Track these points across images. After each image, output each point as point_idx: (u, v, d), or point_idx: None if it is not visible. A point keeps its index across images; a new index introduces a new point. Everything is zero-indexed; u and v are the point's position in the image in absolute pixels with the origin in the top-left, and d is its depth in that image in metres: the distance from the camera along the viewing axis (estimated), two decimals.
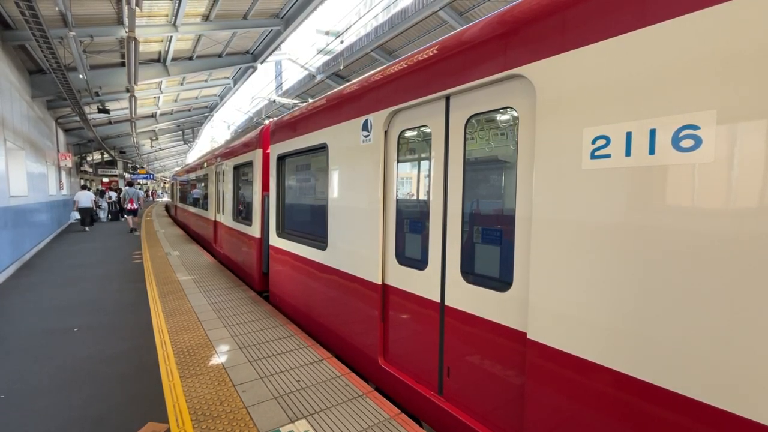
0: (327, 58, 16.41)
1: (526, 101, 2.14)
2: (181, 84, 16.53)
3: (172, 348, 4.06)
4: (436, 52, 2.71)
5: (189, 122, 25.59)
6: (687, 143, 1.46)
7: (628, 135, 1.63)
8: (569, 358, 1.84)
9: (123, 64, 12.08)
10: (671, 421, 1.52)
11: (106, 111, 14.15)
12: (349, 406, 2.97)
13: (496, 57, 2.23)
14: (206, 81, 17.04)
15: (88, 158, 25.83)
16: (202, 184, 11.61)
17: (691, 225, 1.45)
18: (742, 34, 1.34)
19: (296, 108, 5.39)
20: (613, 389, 1.68)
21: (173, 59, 13.01)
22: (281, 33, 11.83)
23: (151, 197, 49.49)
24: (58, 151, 15.68)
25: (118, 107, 16.52)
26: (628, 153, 1.63)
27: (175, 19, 9.83)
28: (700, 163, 1.43)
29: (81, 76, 10.18)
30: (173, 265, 8.40)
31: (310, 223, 4.72)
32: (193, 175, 13.47)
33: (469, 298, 2.49)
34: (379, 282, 3.29)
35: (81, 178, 25.47)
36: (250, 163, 6.75)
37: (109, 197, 20.41)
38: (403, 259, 3.13)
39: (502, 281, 2.32)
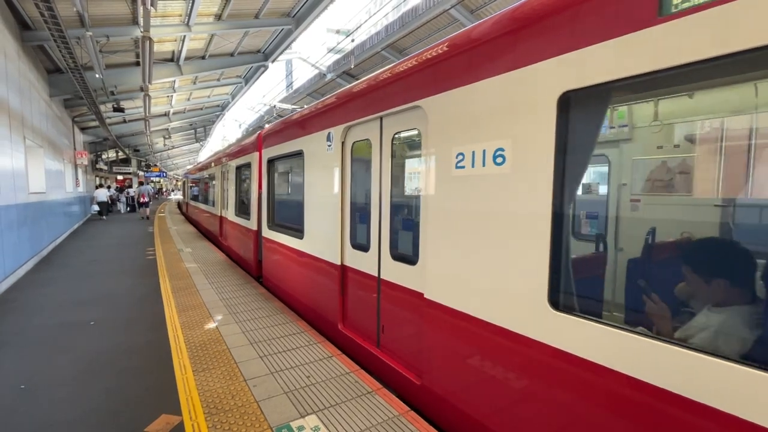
0: (337, 56, 16.45)
1: (424, 125, 2.88)
2: (194, 83, 16.74)
3: (184, 342, 4.13)
4: (373, 82, 3.48)
5: (201, 121, 25.92)
6: (499, 160, 2.24)
7: (473, 153, 2.42)
8: (444, 308, 2.68)
9: (137, 64, 12.28)
10: (481, 328, 2.40)
11: (121, 110, 14.40)
12: (358, 403, 2.99)
13: (405, 92, 3.02)
14: (218, 80, 17.23)
15: (103, 156, 26.34)
16: (210, 183, 12.59)
17: (501, 210, 2.25)
18: (519, 95, 2.11)
19: (280, 119, 6.26)
20: (465, 323, 2.52)
21: (186, 58, 13.18)
22: (292, 32, 11.89)
23: (162, 195, 50.38)
24: (75, 149, 16.04)
25: (133, 106, 16.81)
26: (472, 165, 2.43)
27: (189, 19, 9.96)
28: (504, 173, 2.21)
29: (97, 76, 10.38)
30: (185, 262, 8.53)
31: (291, 217, 5.46)
32: (201, 174, 14.59)
33: (395, 272, 3.30)
34: (339, 263, 4.08)
35: (96, 176, 26.08)
36: (248, 165, 7.59)
37: (127, 193, 24.84)
38: (355, 244, 3.91)
39: (413, 258, 3.08)
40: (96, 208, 19.47)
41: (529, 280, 2.08)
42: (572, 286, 2.01)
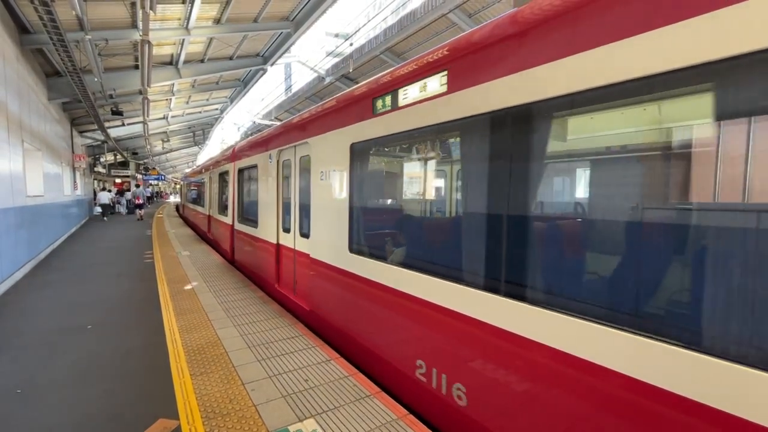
0: (336, 60, 16.49)
1: (311, 153, 4.69)
2: (193, 86, 16.77)
3: (182, 346, 4.11)
4: (290, 124, 5.44)
5: (200, 124, 25.93)
6: (325, 176, 4.24)
7: (323, 172, 4.29)
8: (317, 261, 4.51)
9: (136, 67, 12.31)
10: (327, 269, 4.22)
11: (120, 113, 14.42)
12: (356, 406, 2.98)
13: (304, 132, 4.91)
14: (217, 83, 17.26)
15: (102, 159, 26.31)
16: (201, 187, 14.39)
17: (333, 204, 4.08)
18: (338, 143, 3.99)
19: (246, 140, 8.34)
20: (323, 268, 4.35)
21: (185, 62, 13.21)
22: (291, 35, 11.94)
23: (160, 198, 50.24)
24: (73, 152, 16.01)
25: (131, 108, 16.81)
26: (323, 178, 4.30)
27: (188, 23, 9.99)
28: (333, 184, 4.05)
29: (96, 79, 10.41)
30: (183, 265, 8.51)
31: (251, 212, 7.29)
32: (194, 179, 16.57)
33: (301, 244, 5.05)
34: (275, 242, 5.93)
35: (95, 179, 26.06)
36: (227, 172, 9.36)
37: (127, 196, 26.31)
38: (284, 228, 5.72)
39: (308, 234, 4.80)
40: (98, 209, 20.96)
41: (343, 240, 3.94)
42: (357, 243, 3.80)
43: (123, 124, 19.78)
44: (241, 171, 8.00)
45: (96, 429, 2.78)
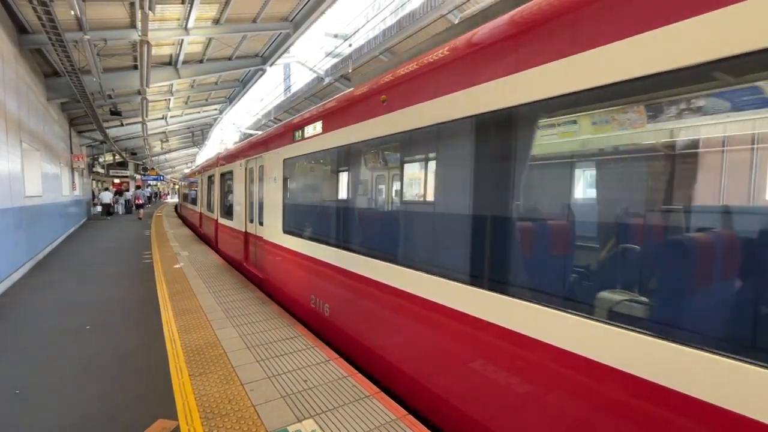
0: (335, 60, 16.49)
1: (264, 164, 6.57)
2: (192, 86, 16.74)
3: (181, 346, 4.11)
4: (255, 141, 7.24)
5: (199, 124, 25.88)
6: (274, 180, 6.05)
7: (274, 177, 6.07)
8: (265, 241, 6.48)
9: (135, 67, 12.28)
10: (270, 245, 6.32)
11: (119, 113, 14.38)
12: (356, 407, 2.99)
13: (260, 148, 6.76)
14: (216, 84, 17.24)
15: (100, 159, 26.25)
16: (194, 189, 16.25)
17: (274, 199, 6.04)
18: (276, 158, 6.06)
19: (226, 150, 10.79)
20: (268, 245, 6.33)
21: (184, 62, 13.19)
22: (290, 36, 11.93)
23: (159, 198, 50.14)
24: (72, 152, 15.97)
25: (130, 108, 16.78)
26: (270, 182, 6.34)
27: (187, 23, 9.97)
28: (275, 186, 5.95)
29: (95, 79, 10.37)
30: (182, 265, 8.50)
31: (229, 209, 9.14)
32: (189, 181, 18.69)
33: (259, 231, 6.74)
34: (243, 230, 7.79)
35: (93, 179, 25.98)
36: (213, 176, 11.19)
37: (126, 196, 27.30)
38: (249, 219, 7.39)
39: (262, 222, 6.58)
40: (99, 208, 22.31)
41: (279, 225, 5.73)
42: (287, 226, 5.50)
43: (122, 124, 19.74)
44: (222, 175, 10.00)
45: (95, 429, 2.77)
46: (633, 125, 1.83)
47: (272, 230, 6.06)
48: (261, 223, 6.66)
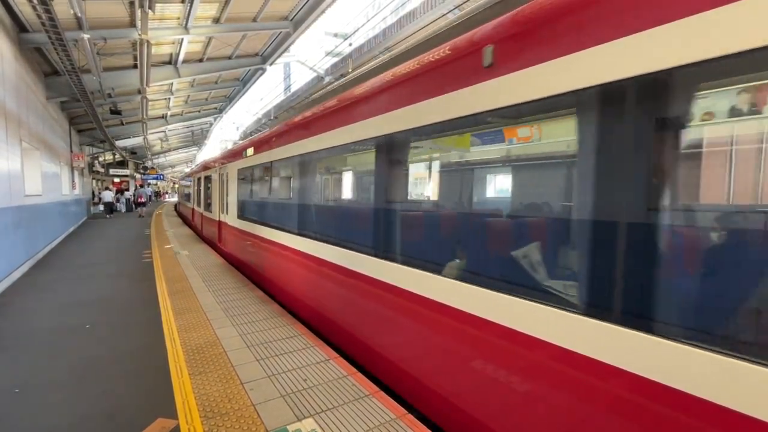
0: (335, 60, 16.47)
1: (231, 170, 8.88)
2: (192, 86, 16.73)
3: (181, 345, 4.11)
4: (228, 153, 9.77)
5: (199, 123, 25.87)
6: (232, 183, 8.90)
7: (239, 179, 8.46)
8: (230, 226, 9.08)
9: (135, 66, 12.26)
10: (234, 229, 8.74)
11: (118, 112, 14.37)
12: (355, 406, 2.99)
13: (230, 159, 9.18)
14: (216, 83, 17.22)
15: (100, 158, 26.24)
16: (190, 188, 18.13)
17: (233, 196, 8.78)
18: (232, 168, 8.99)
19: (210, 157, 13.33)
20: (233, 229, 8.77)
21: (184, 61, 13.18)
22: (290, 35, 11.91)
23: (159, 197, 50.17)
24: (72, 151, 15.97)
25: (130, 108, 16.77)
26: (233, 184, 8.97)
27: (187, 22, 9.96)
28: (234, 187, 8.74)
29: (94, 78, 10.37)
30: (182, 264, 8.50)
31: (209, 203, 11.59)
32: (186, 182, 20.80)
33: (226, 218, 9.46)
34: (218, 219, 10.24)
35: (93, 178, 25.97)
36: (200, 178, 13.54)
37: (126, 195, 27.47)
38: (223, 211, 9.71)
39: (231, 212, 8.83)
40: (101, 207, 22.98)
41: (235, 213, 8.42)
42: (240, 213, 8.12)
43: (122, 124, 19.73)
44: (206, 178, 12.35)
45: (94, 429, 2.77)
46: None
47: (232, 217, 8.71)
48: (226, 213, 9.29)
